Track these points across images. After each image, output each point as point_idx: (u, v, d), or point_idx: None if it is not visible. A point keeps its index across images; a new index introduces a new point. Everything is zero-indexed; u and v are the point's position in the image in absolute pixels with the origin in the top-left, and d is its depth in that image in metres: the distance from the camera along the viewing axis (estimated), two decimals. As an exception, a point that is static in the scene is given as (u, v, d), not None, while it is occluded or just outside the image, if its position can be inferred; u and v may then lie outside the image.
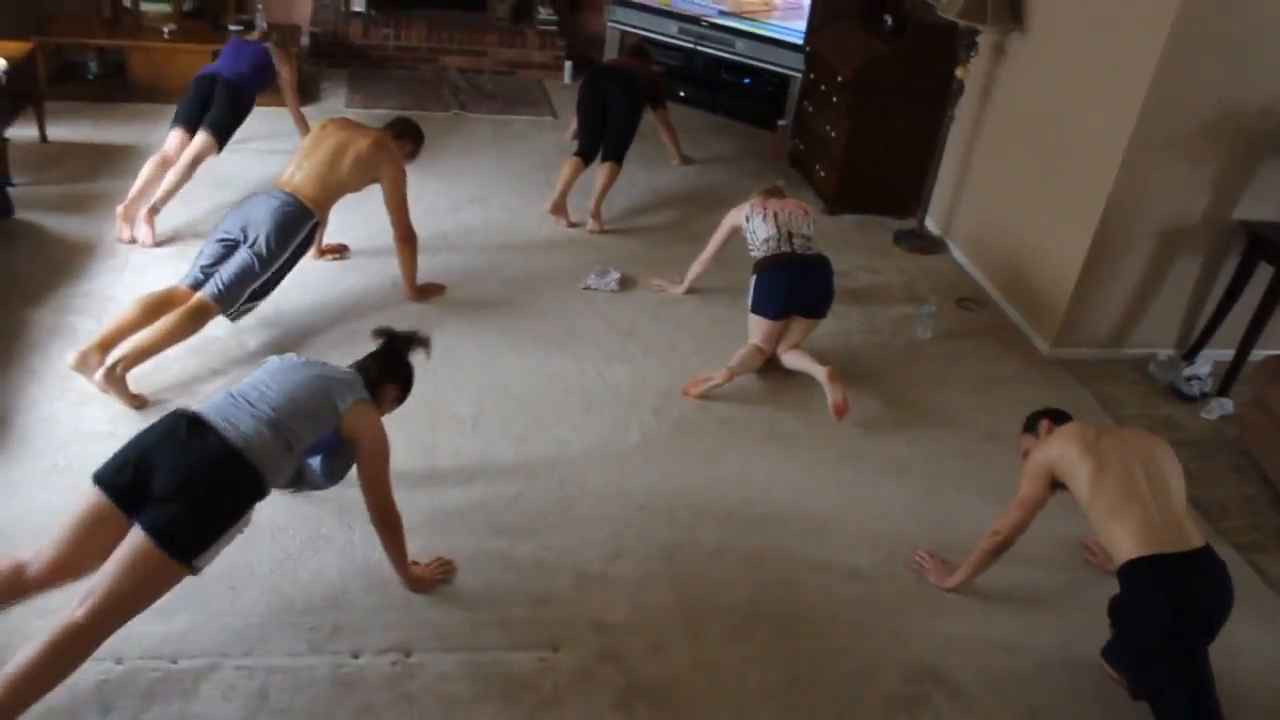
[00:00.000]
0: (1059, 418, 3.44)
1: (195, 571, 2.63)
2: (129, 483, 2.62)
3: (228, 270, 4.10)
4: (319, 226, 4.47)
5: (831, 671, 3.15)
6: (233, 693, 2.82)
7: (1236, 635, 3.34)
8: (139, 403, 3.86)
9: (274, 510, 3.35)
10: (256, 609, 3.09)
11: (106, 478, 2.65)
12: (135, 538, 2.55)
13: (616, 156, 5.80)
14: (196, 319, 4.02)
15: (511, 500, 3.67)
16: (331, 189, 4.45)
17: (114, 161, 5.74)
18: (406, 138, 4.80)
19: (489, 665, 3.01)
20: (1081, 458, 3.10)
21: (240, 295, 4.12)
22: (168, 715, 2.72)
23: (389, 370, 3.26)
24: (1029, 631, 3.40)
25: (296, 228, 4.27)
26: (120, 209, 4.98)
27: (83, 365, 3.85)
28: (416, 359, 3.41)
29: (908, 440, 4.30)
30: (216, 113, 5.28)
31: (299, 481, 3.03)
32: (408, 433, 3.89)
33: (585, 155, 5.81)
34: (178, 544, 2.57)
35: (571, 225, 5.72)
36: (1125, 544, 2.95)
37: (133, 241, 4.98)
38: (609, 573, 3.41)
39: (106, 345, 3.90)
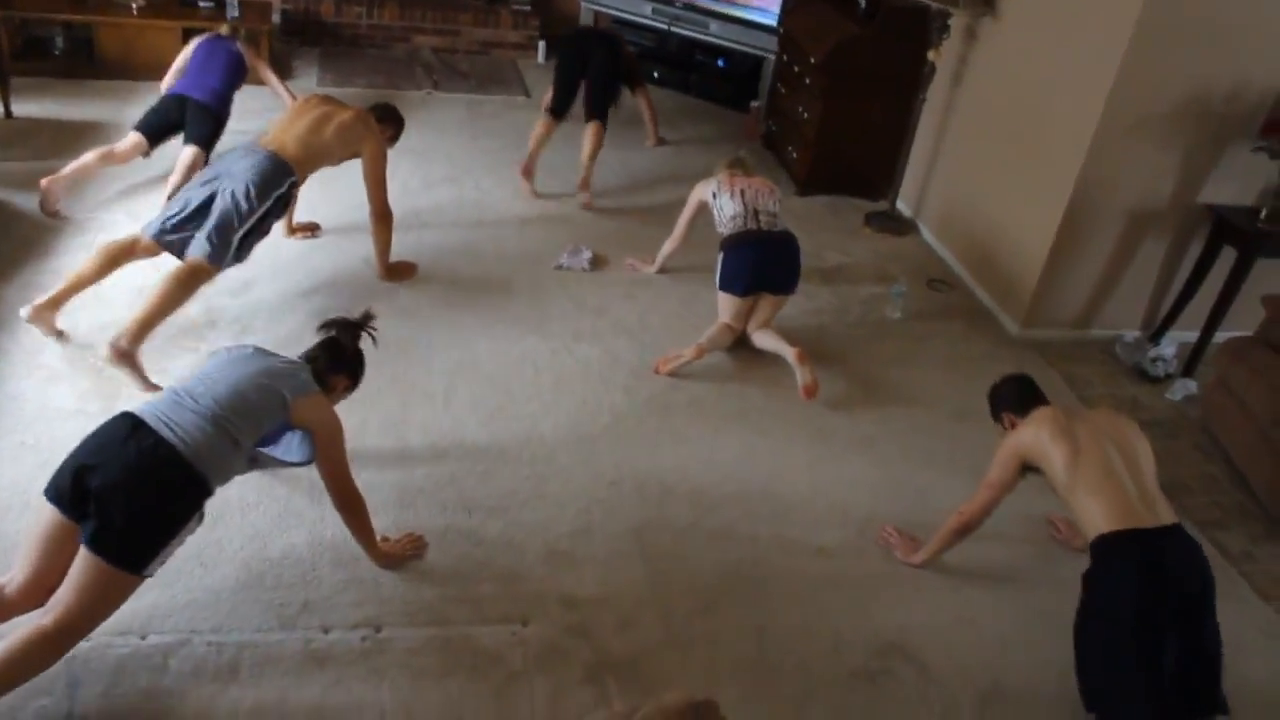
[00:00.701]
0: (1023, 394, 3.44)
1: (145, 576, 2.61)
2: (71, 492, 2.57)
3: (209, 224, 3.95)
4: (296, 187, 4.33)
5: (799, 647, 3.18)
6: (202, 668, 2.82)
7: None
8: (154, 389, 3.74)
9: (244, 487, 3.35)
10: (226, 585, 3.09)
11: (52, 490, 2.61)
12: (83, 552, 2.53)
13: (600, 114, 5.76)
14: (189, 281, 3.91)
15: (482, 477, 3.68)
16: (313, 151, 4.35)
17: (81, 139, 5.67)
18: (388, 121, 4.80)
19: (459, 640, 3.02)
20: (1055, 443, 3.12)
21: (228, 249, 3.98)
22: (136, 691, 2.73)
23: (337, 361, 3.21)
24: (994, 607, 3.44)
25: (276, 180, 4.14)
26: (45, 180, 4.86)
27: (38, 319, 3.85)
28: (370, 346, 3.40)
29: (877, 419, 4.33)
30: (198, 131, 5.25)
31: (256, 468, 2.99)
32: (378, 410, 3.90)
33: (557, 112, 5.80)
34: (122, 557, 2.55)
35: (536, 195, 5.71)
36: (1098, 520, 2.96)
37: (54, 215, 4.91)
38: (578, 549, 3.43)
39: (59, 301, 3.89)
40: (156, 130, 5.25)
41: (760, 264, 4.49)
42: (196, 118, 5.27)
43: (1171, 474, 4.26)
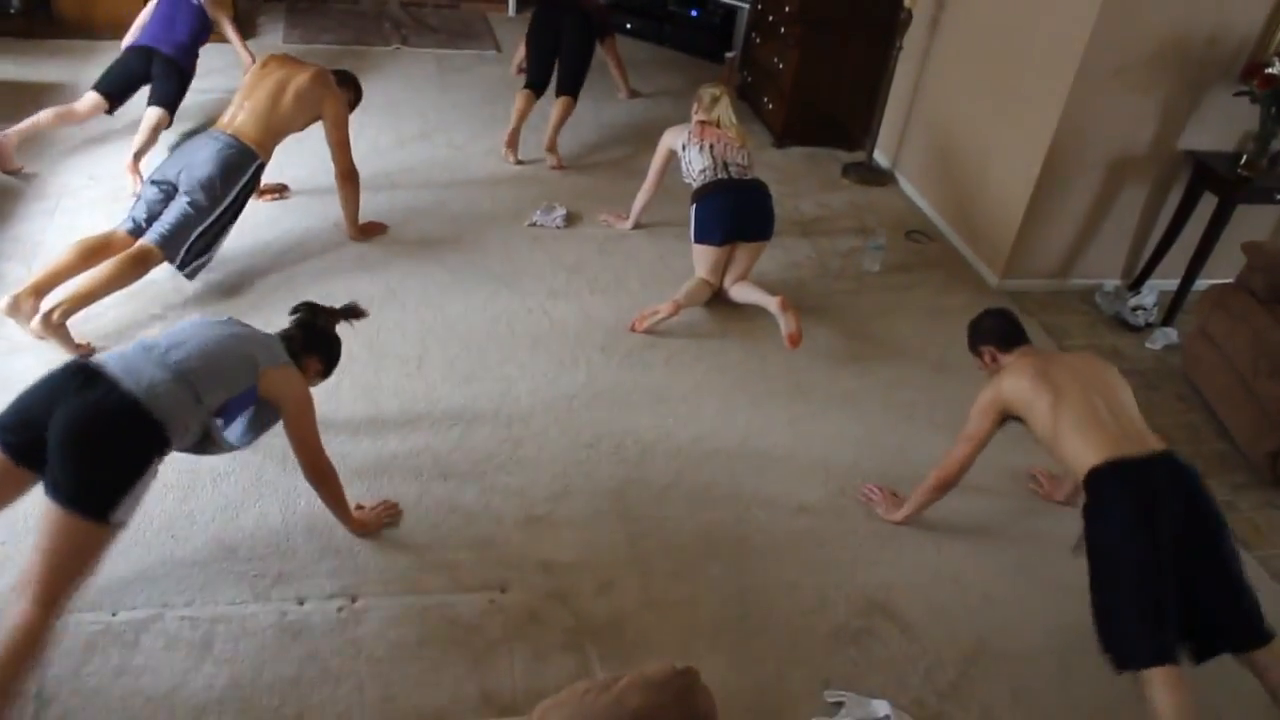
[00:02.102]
0: (1007, 330, 3.37)
1: (115, 527, 2.53)
2: (24, 442, 2.50)
3: (169, 216, 3.99)
4: (262, 169, 4.32)
5: (781, 606, 3.16)
6: (175, 643, 2.77)
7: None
8: (85, 350, 3.75)
9: (215, 457, 3.28)
10: (198, 558, 3.04)
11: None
12: (47, 507, 2.46)
13: (572, 90, 5.71)
14: (138, 265, 3.91)
15: (457, 442, 3.62)
16: (274, 129, 4.32)
17: (41, 101, 5.52)
18: (346, 86, 4.68)
19: (436, 609, 2.98)
20: (1035, 390, 3.07)
21: (184, 241, 4.00)
22: (107, 668, 2.68)
23: (311, 341, 3.14)
24: (977, 562, 3.43)
25: (240, 170, 4.15)
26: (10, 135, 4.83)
27: (14, 310, 3.74)
28: (350, 329, 3.34)
29: (857, 372, 4.29)
30: (163, 89, 5.13)
31: (206, 443, 2.90)
32: (350, 376, 3.83)
33: (536, 87, 5.71)
34: (85, 504, 2.47)
35: (519, 163, 5.62)
36: (1086, 455, 2.91)
37: (15, 173, 4.86)
38: (556, 513, 3.39)
39: (40, 290, 3.79)
40: (119, 88, 5.15)
41: (734, 211, 4.44)
42: (163, 72, 5.13)
43: (1153, 424, 4.14)
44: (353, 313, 3.27)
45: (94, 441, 2.50)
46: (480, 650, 2.88)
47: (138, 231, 4.01)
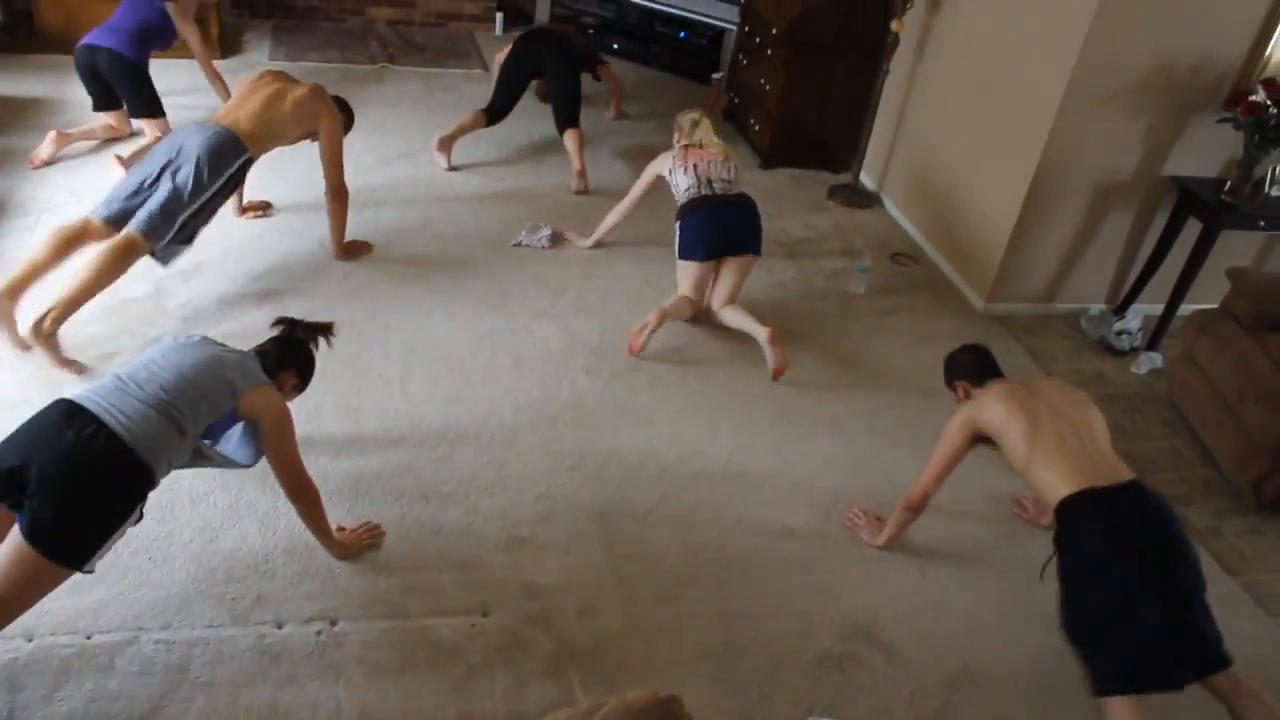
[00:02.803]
0: (980, 366, 3.40)
1: (86, 572, 2.51)
2: (10, 484, 2.45)
3: (155, 200, 3.86)
4: (249, 165, 4.22)
5: (764, 631, 3.13)
6: (151, 667, 2.73)
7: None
8: (76, 368, 3.69)
9: (195, 477, 3.25)
10: (176, 579, 3.00)
11: None
12: (17, 540, 2.41)
13: (572, 122, 5.73)
14: (124, 256, 3.80)
15: (439, 463, 3.59)
16: (269, 128, 4.25)
17: (23, 116, 5.51)
18: (342, 111, 4.69)
19: (417, 632, 2.94)
20: (1009, 416, 3.09)
21: (170, 227, 3.88)
22: (81, 693, 2.63)
23: (287, 357, 3.11)
24: (962, 587, 3.41)
25: (229, 158, 4.04)
26: (54, 132, 5.03)
27: None
28: (327, 345, 3.32)
29: (842, 396, 4.28)
30: (133, 101, 5.22)
31: (199, 459, 2.87)
32: (333, 395, 3.80)
33: (492, 115, 5.73)
34: (62, 552, 2.43)
35: (451, 169, 5.63)
36: (1058, 486, 2.95)
37: (45, 166, 5.05)
38: (539, 535, 3.36)
39: (16, 289, 3.71)
40: (94, 93, 5.24)
41: (718, 225, 4.43)
42: (114, 71, 5.11)
43: (1137, 449, 4.25)
44: (327, 331, 3.25)
45: (77, 485, 2.46)
46: (461, 675, 2.84)
47: (114, 219, 3.88)
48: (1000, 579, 3.45)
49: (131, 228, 3.83)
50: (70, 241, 3.82)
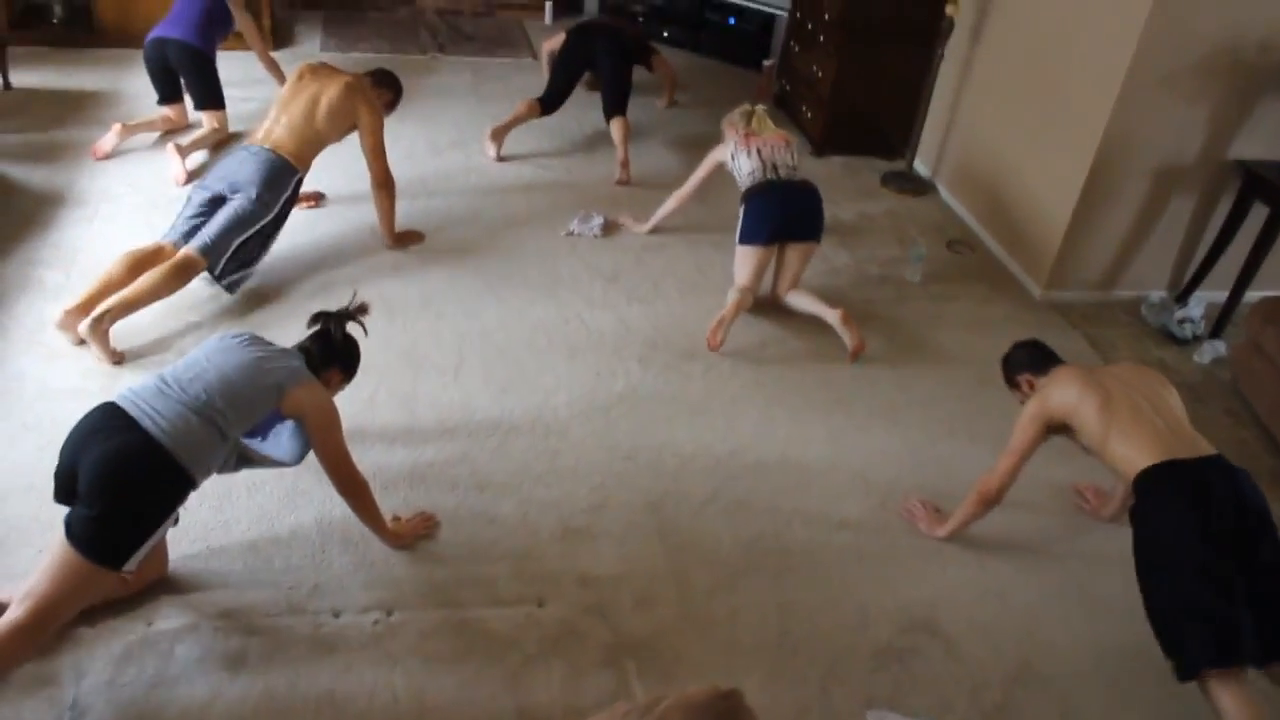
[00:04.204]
0: (1038, 356, 3.34)
1: (126, 573, 2.55)
2: (64, 483, 2.54)
3: (215, 222, 4.01)
4: (301, 183, 4.34)
5: (822, 624, 3.09)
6: (210, 655, 2.74)
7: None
8: (118, 358, 3.75)
9: (250, 467, 3.27)
10: (234, 568, 3.01)
11: (57, 496, 2.59)
12: (60, 542, 2.46)
13: (620, 111, 5.70)
14: (182, 274, 3.91)
15: (494, 453, 3.58)
16: (311, 142, 4.35)
17: (81, 109, 5.58)
18: (384, 86, 4.70)
19: (472, 623, 2.94)
20: (1082, 395, 3.03)
21: (228, 246, 4.00)
22: (142, 679, 2.65)
23: (328, 354, 3.10)
24: (1022, 580, 3.35)
25: (283, 181, 4.19)
26: (119, 125, 5.11)
27: (66, 325, 3.77)
28: (375, 323, 3.32)
29: (898, 385, 4.22)
30: (197, 84, 5.30)
31: (244, 463, 2.89)
32: (387, 385, 3.81)
33: (546, 105, 5.71)
34: (100, 551, 2.46)
35: (500, 159, 5.61)
36: (1137, 458, 2.87)
37: (107, 158, 5.12)
38: (594, 525, 3.34)
39: (88, 306, 3.80)
40: (160, 87, 5.36)
41: (782, 210, 4.38)
42: (183, 62, 5.23)
43: (1202, 439, 4.15)
44: (360, 311, 3.21)
45: (116, 487, 2.49)
46: (517, 665, 2.83)
47: (180, 242, 4.02)
48: (1062, 571, 3.39)
49: (190, 247, 3.95)
50: (143, 264, 3.93)
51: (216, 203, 4.09)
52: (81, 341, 3.74)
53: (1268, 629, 2.63)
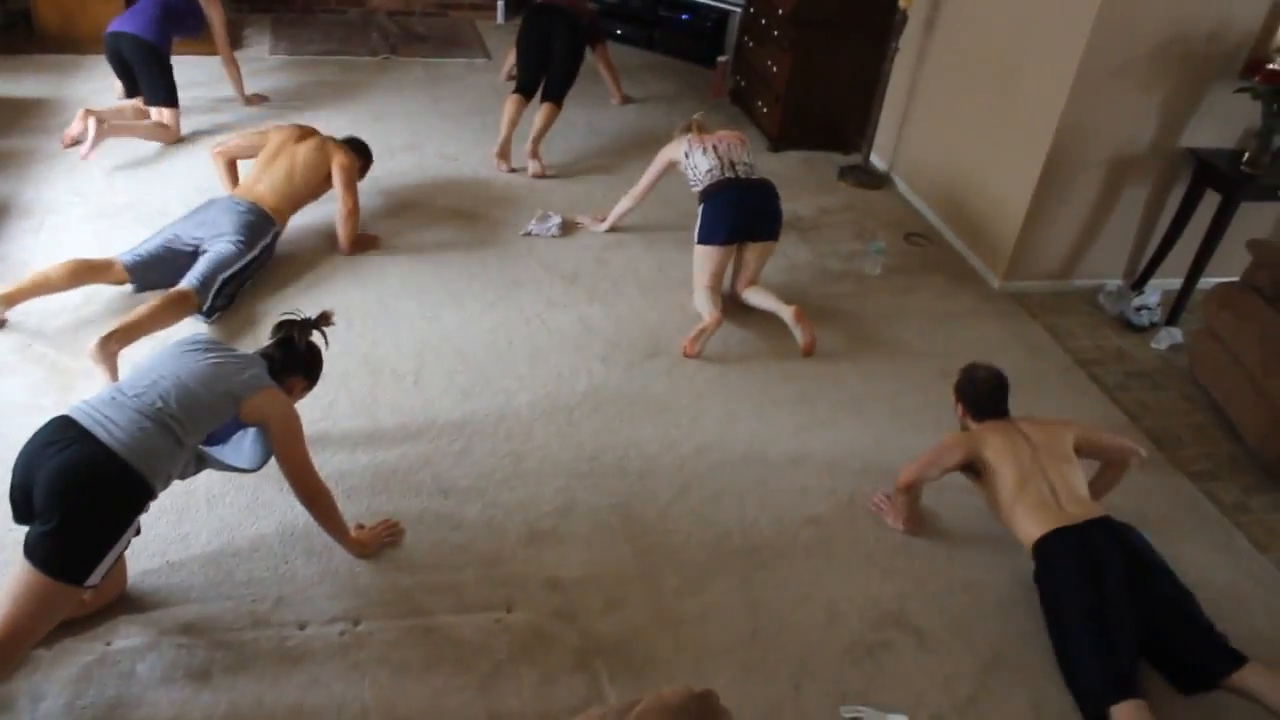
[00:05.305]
0: (982, 407, 3.44)
1: (88, 590, 2.49)
2: (18, 500, 2.49)
3: (201, 264, 4.00)
4: (279, 235, 4.43)
5: (793, 620, 3.08)
6: (173, 673, 2.68)
7: (1193, 563, 3.38)
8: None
9: (210, 478, 3.20)
10: (195, 583, 2.95)
11: (14, 515, 2.54)
12: (19, 562, 2.40)
13: (557, 98, 5.65)
14: (177, 306, 3.85)
15: (457, 457, 3.54)
16: (290, 199, 4.48)
17: (23, 117, 5.46)
18: (357, 151, 4.79)
19: (441, 630, 2.90)
20: (1002, 467, 3.25)
21: (213, 284, 3.99)
22: (103, 700, 2.59)
23: (291, 362, 3.06)
24: (992, 569, 3.36)
25: (263, 230, 4.26)
26: (84, 110, 5.05)
27: None
28: (333, 330, 3.27)
29: (861, 379, 4.22)
30: (149, 85, 5.29)
31: (202, 466, 2.85)
32: (347, 391, 3.75)
33: (525, 91, 5.64)
34: (60, 568, 2.41)
35: (511, 170, 5.54)
36: (1034, 531, 3.13)
37: (77, 143, 5.07)
38: (561, 528, 3.31)
39: (15, 298, 3.82)
40: (128, 82, 5.39)
41: (741, 209, 4.37)
42: (136, 56, 5.23)
43: (1160, 426, 4.19)
44: (323, 320, 3.19)
45: (75, 500, 2.43)
46: (487, 672, 2.79)
47: (134, 269, 3.99)
48: (1029, 561, 3.38)
49: (185, 283, 3.94)
50: (88, 273, 3.93)
51: (188, 253, 4.08)
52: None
53: (1187, 661, 2.90)
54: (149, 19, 5.24)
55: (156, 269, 4.03)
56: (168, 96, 5.30)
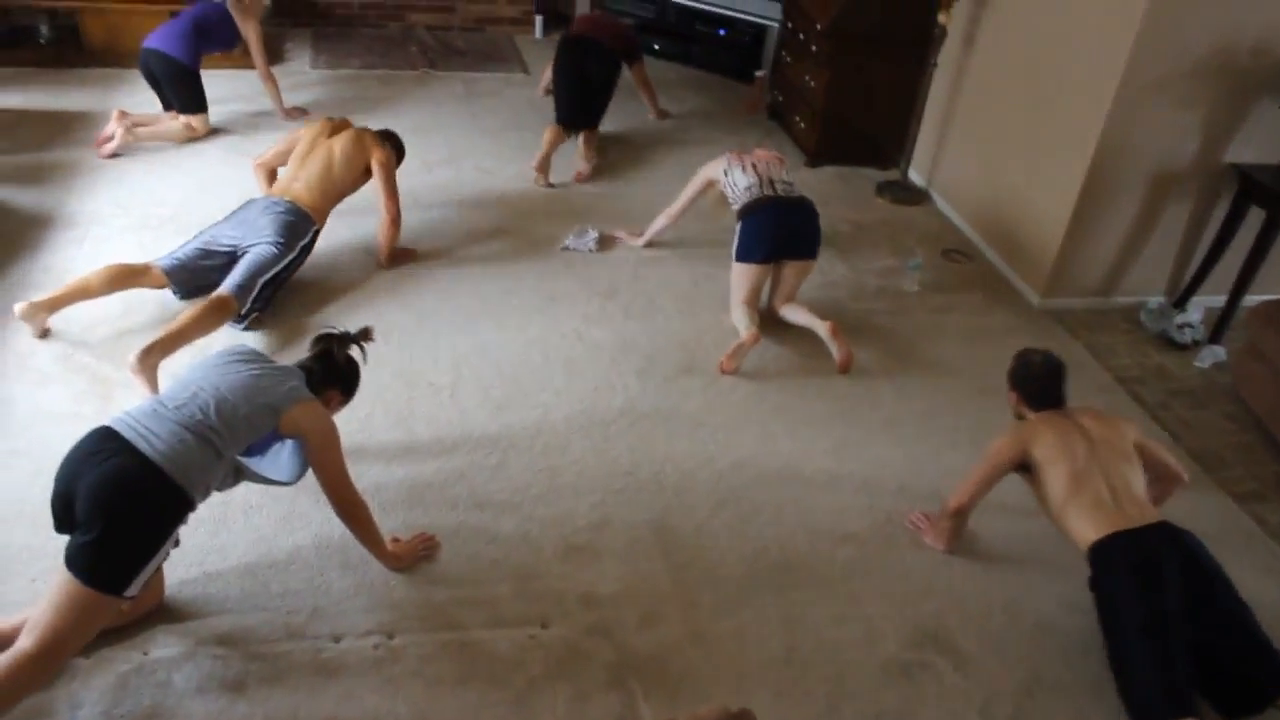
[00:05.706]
0: (1042, 392, 3.34)
1: (127, 600, 2.51)
2: (60, 511, 2.51)
3: (241, 267, 4.02)
4: (318, 233, 4.42)
5: (829, 639, 3.06)
6: (209, 683, 2.70)
7: (1239, 586, 3.30)
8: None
9: (247, 490, 3.21)
10: (231, 594, 2.96)
11: (55, 524, 2.55)
12: (61, 572, 2.42)
13: (592, 125, 5.77)
14: (217, 313, 3.88)
15: (493, 471, 3.54)
16: (328, 195, 4.47)
17: (70, 130, 5.53)
18: (390, 142, 4.77)
19: (475, 645, 2.89)
20: (1055, 464, 3.12)
21: (252, 288, 4.01)
22: (139, 709, 2.60)
23: (330, 375, 3.07)
24: (1030, 590, 3.31)
25: (301, 230, 4.25)
26: (118, 111, 5.25)
27: (29, 316, 3.82)
28: (371, 344, 3.27)
29: (899, 396, 4.19)
30: (177, 99, 5.45)
31: (240, 478, 2.85)
32: (383, 404, 3.77)
33: (566, 125, 5.65)
34: (100, 578, 2.43)
35: (549, 186, 5.56)
36: (1089, 534, 3.01)
37: (109, 141, 5.26)
38: (596, 543, 3.30)
39: (57, 305, 3.87)
40: (162, 95, 5.55)
41: (780, 227, 4.36)
42: (164, 72, 5.39)
43: (1204, 445, 4.13)
44: (364, 336, 3.21)
45: (115, 512, 2.45)
46: (522, 688, 2.79)
47: (172, 273, 4.02)
48: (1069, 581, 3.34)
49: (223, 290, 3.95)
50: (126, 278, 3.97)
51: (226, 255, 4.10)
52: (44, 334, 3.78)
53: (1241, 675, 2.81)
54: (179, 35, 5.37)
55: (194, 272, 4.07)
56: (197, 108, 5.50)
